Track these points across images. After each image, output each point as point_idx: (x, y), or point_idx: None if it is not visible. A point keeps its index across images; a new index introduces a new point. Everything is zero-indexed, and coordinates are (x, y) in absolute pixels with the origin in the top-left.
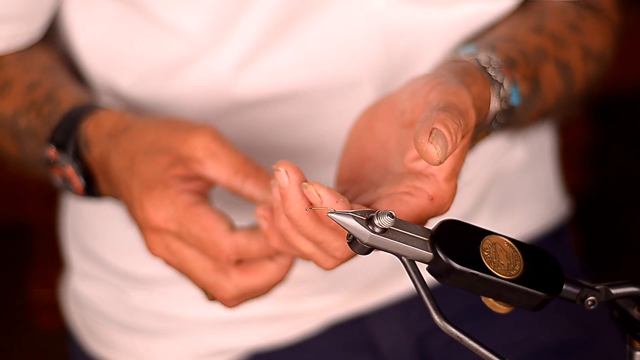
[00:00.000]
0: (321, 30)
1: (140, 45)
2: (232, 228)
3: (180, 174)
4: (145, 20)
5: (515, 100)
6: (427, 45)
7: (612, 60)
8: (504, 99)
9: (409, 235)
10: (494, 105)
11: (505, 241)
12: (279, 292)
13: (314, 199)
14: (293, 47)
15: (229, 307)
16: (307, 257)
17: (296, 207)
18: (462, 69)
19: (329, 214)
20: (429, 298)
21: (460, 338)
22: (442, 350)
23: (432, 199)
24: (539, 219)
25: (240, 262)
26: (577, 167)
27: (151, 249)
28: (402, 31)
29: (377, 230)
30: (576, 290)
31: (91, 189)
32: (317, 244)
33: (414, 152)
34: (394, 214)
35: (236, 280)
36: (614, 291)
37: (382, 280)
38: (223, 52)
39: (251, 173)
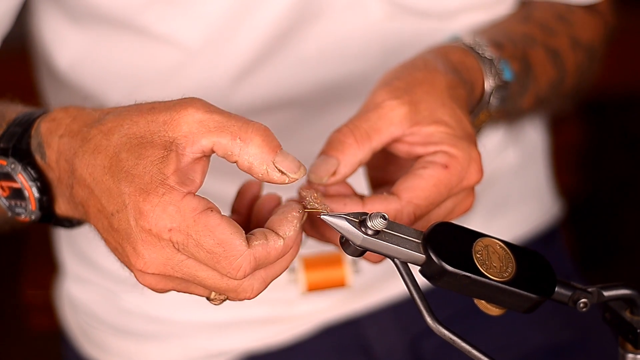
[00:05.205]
0: (319, 41)
1: (130, 58)
2: (246, 239)
3: (177, 168)
4: (133, 34)
5: (508, 75)
6: None
7: (604, 57)
8: (497, 75)
9: (401, 237)
10: (489, 83)
11: (497, 243)
12: (273, 295)
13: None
14: (291, 59)
15: (253, 298)
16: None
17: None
18: (442, 48)
19: (321, 216)
20: (421, 300)
21: (453, 340)
22: (435, 352)
23: (446, 166)
24: (532, 220)
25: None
26: (570, 169)
27: (145, 266)
28: (400, 42)
29: (369, 232)
30: (568, 293)
31: (46, 205)
32: None
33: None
34: (386, 215)
35: (260, 274)
36: (606, 293)
37: (375, 283)
38: (221, 63)
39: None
